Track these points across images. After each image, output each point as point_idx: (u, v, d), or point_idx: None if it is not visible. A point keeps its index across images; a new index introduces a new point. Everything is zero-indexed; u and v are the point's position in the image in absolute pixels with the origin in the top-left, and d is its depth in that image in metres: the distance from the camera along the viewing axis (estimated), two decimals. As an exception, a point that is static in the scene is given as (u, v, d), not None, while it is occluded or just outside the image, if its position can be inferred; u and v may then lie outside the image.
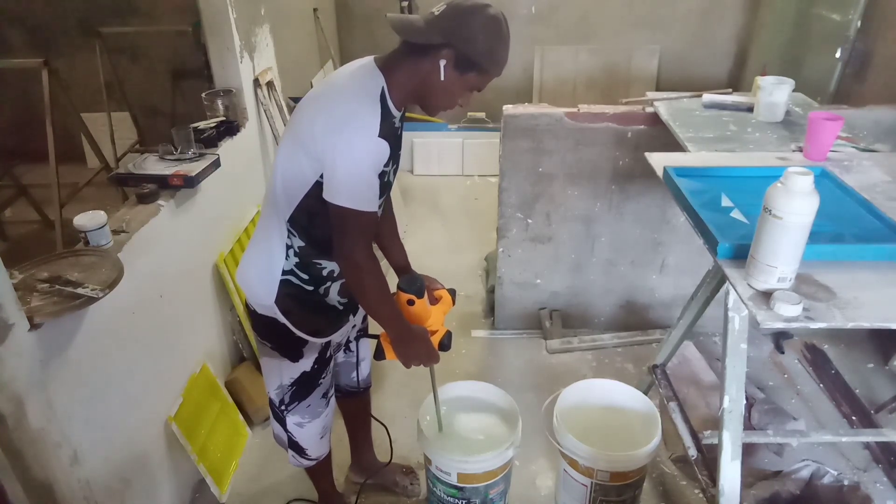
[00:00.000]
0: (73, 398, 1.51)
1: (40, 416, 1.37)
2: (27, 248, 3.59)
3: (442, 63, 1.32)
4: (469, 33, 1.29)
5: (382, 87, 1.33)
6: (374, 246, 1.60)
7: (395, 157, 1.44)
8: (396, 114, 1.39)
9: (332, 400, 1.75)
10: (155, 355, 1.90)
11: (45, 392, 1.39)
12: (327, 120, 1.30)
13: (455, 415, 1.88)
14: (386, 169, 1.39)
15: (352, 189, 1.29)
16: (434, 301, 1.64)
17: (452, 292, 1.70)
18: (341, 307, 1.58)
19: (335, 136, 1.28)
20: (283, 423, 1.71)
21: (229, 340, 2.47)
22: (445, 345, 1.57)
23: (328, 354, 1.65)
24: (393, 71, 1.35)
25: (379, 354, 1.56)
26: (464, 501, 1.83)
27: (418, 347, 1.52)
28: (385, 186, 1.44)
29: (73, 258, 1.59)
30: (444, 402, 1.82)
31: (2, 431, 1.29)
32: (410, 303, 1.52)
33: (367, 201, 1.32)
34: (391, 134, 1.34)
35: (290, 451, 1.77)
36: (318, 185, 1.33)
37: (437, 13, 1.31)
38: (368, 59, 1.39)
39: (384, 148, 1.32)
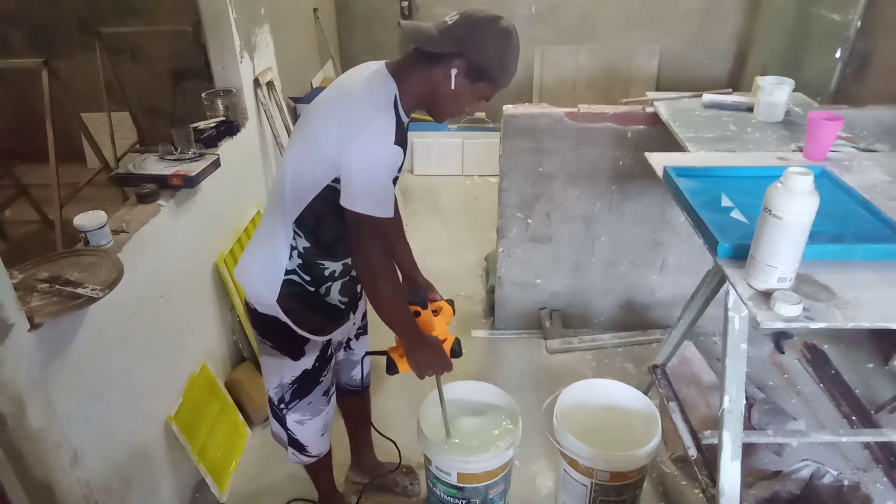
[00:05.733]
0: (73, 398, 1.51)
1: (40, 416, 1.37)
2: (27, 248, 3.59)
3: (454, 72, 1.33)
4: (481, 44, 1.30)
5: (395, 95, 1.35)
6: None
7: (404, 160, 1.46)
8: (405, 120, 1.40)
9: (333, 398, 1.75)
10: (155, 355, 1.90)
11: (45, 392, 1.39)
12: (344, 126, 1.31)
13: (455, 415, 1.88)
14: (398, 175, 1.41)
15: (369, 196, 1.31)
16: (434, 313, 1.64)
17: (451, 302, 1.71)
18: (343, 306, 1.58)
19: (352, 142, 1.29)
20: (282, 422, 1.71)
21: (229, 340, 2.47)
22: (457, 352, 1.59)
23: (329, 352, 1.65)
24: (405, 78, 1.36)
25: (391, 369, 1.57)
26: (464, 501, 1.83)
27: (432, 356, 1.54)
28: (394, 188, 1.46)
29: (73, 258, 1.59)
30: (445, 405, 1.82)
31: (2, 431, 1.29)
32: (416, 314, 1.53)
33: (384, 207, 1.33)
34: (404, 140, 1.37)
35: (289, 448, 1.77)
36: (329, 188, 1.35)
37: (450, 22, 1.32)
38: (380, 66, 1.39)
39: (399, 155, 1.34)
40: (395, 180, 1.40)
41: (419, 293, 1.55)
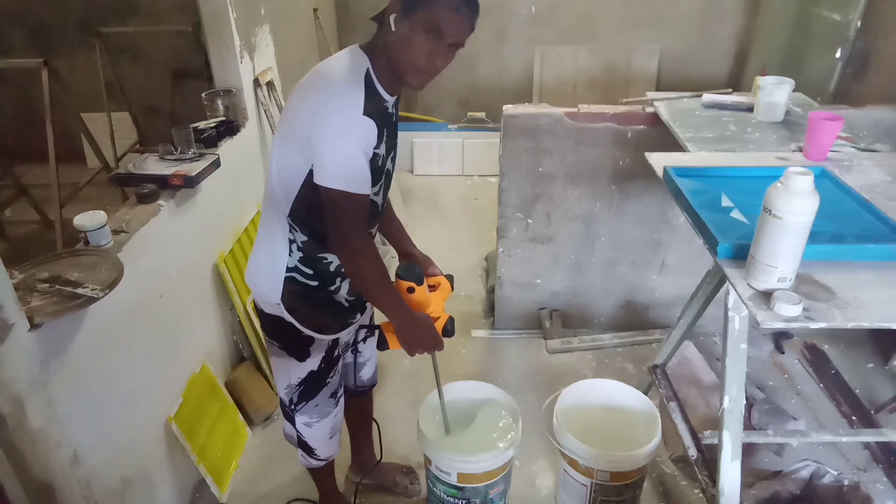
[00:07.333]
0: (73, 398, 1.50)
1: (40, 416, 1.37)
2: (27, 248, 3.59)
3: (392, 18, 1.29)
4: None
5: (367, 68, 1.33)
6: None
7: (390, 145, 1.43)
8: (388, 98, 1.38)
9: (341, 400, 1.75)
10: (155, 355, 1.90)
11: (45, 392, 1.39)
12: (312, 103, 1.29)
13: (455, 415, 1.88)
14: (378, 152, 1.36)
15: (340, 169, 1.28)
16: (432, 288, 1.62)
17: (450, 278, 1.68)
18: (347, 304, 1.58)
19: (319, 116, 1.27)
20: (293, 423, 1.71)
21: (229, 340, 2.47)
22: (449, 330, 1.56)
23: (335, 354, 1.64)
24: (373, 51, 1.35)
25: (382, 344, 1.55)
26: (464, 501, 1.83)
27: (422, 334, 1.50)
28: (379, 172, 1.42)
29: (73, 258, 1.59)
30: (445, 403, 1.82)
31: (2, 431, 1.29)
32: (410, 290, 1.50)
33: (358, 182, 1.30)
34: (379, 114, 1.33)
35: (299, 450, 1.77)
36: (312, 174, 1.32)
37: None
38: (354, 46, 1.39)
39: (370, 126, 1.30)
40: (377, 158, 1.36)
41: (414, 269, 1.51)
